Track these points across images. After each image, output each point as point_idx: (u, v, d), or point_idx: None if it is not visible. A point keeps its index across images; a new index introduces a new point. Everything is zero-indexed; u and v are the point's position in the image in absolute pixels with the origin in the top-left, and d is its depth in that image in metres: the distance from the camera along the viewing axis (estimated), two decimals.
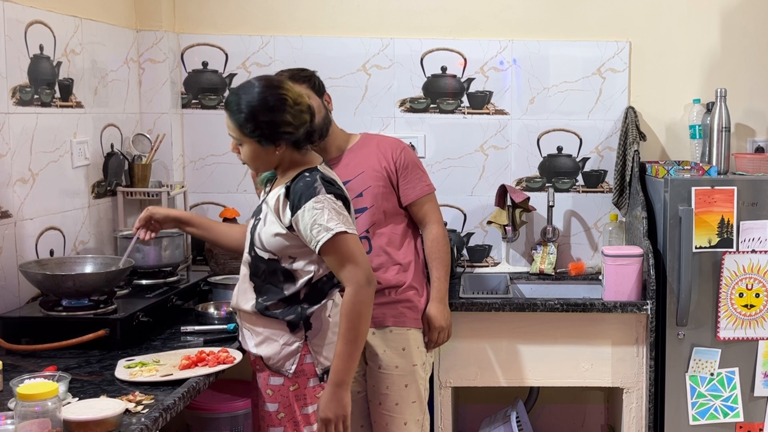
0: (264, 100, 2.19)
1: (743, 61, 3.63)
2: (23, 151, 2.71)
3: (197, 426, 3.13)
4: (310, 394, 2.29)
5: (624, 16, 3.64)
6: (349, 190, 2.57)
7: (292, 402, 2.29)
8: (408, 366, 2.79)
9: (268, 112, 2.18)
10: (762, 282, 3.12)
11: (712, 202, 3.10)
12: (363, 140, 2.88)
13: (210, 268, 3.42)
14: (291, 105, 2.21)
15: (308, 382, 2.29)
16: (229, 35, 3.63)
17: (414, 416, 2.81)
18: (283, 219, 2.24)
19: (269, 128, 2.19)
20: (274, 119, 2.19)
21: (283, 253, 2.26)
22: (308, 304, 2.27)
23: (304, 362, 2.27)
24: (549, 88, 3.65)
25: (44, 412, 1.68)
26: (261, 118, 2.18)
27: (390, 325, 2.77)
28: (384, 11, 3.65)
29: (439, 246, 2.85)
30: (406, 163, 2.83)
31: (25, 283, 2.64)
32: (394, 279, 2.78)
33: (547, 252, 3.63)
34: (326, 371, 2.28)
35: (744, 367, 3.15)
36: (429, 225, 2.86)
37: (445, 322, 2.85)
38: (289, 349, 2.27)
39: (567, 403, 3.77)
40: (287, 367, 2.28)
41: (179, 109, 3.64)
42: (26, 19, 2.72)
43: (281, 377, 2.29)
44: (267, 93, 2.20)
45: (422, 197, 2.84)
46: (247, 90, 2.22)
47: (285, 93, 2.22)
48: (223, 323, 2.68)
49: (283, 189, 2.26)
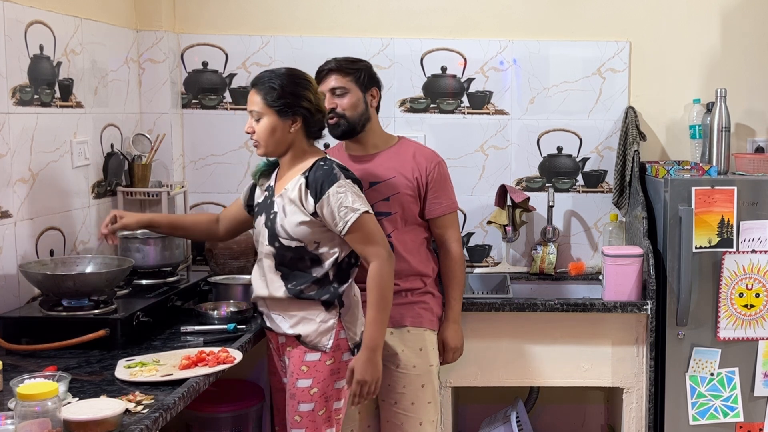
0: (292, 75, 2.45)
1: (743, 61, 3.63)
2: (23, 151, 2.71)
3: (197, 426, 3.12)
4: (344, 367, 2.47)
5: (624, 16, 3.64)
6: (376, 192, 2.75)
7: (327, 376, 2.46)
8: (425, 366, 2.80)
9: (293, 84, 2.43)
10: (762, 282, 3.12)
11: (712, 202, 3.10)
12: (400, 145, 2.88)
13: (210, 268, 3.42)
14: (314, 88, 2.49)
15: (342, 356, 2.47)
16: (229, 35, 3.63)
17: (429, 417, 2.82)
18: (307, 207, 2.42)
19: (293, 98, 2.41)
20: (298, 92, 2.43)
21: (308, 239, 2.44)
22: (338, 283, 2.47)
23: (339, 337, 2.47)
24: (549, 88, 3.65)
25: (44, 412, 1.68)
26: (287, 88, 2.41)
27: (408, 325, 2.79)
28: (384, 11, 3.65)
29: (457, 266, 2.87)
30: (438, 178, 2.83)
31: (25, 283, 2.64)
32: (411, 284, 2.80)
33: (547, 252, 3.63)
34: (357, 345, 2.49)
35: (744, 367, 3.15)
36: (448, 243, 2.87)
37: (459, 343, 2.90)
38: (325, 326, 2.45)
39: (567, 403, 3.77)
40: (324, 342, 2.45)
41: (179, 109, 3.64)
42: (26, 19, 2.72)
43: (318, 353, 2.46)
44: (295, 72, 2.48)
45: (446, 215, 2.85)
46: (277, 69, 2.50)
47: (308, 78, 2.50)
48: (223, 323, 2.68)
49: (302, 179, 2.42)
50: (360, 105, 2.75)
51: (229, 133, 3.65)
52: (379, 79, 2.87)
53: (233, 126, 3.65)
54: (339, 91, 2.74)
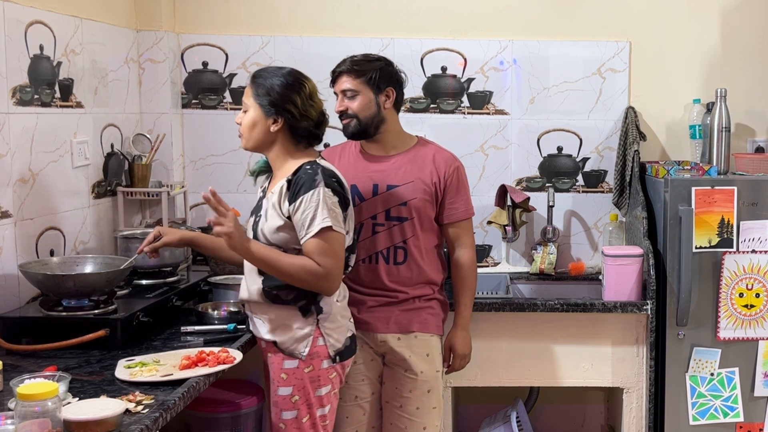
0: (285, 76, 2.42)
1: (743, 61, 3.63)
2: (23, 151, 2.71)
3: (197, 426, 3.12)
4: (324, 375, 2.42)
5: (624, 16, 3.64)
6: (393, 197, 2.72)
7: (307, 384, 2.41)
8: (432, 372, 2.79)
9: (283, 86, 2.40)
10: (762, 282, 3.12)
11: (712, 202, 3.10)
12: (419, 146, 2.82)
13: (210, 268, 3.42)
14: (305, 94, 2.42)
15: (322, 363, 2.41)
16: (229, 35, 3.64)
17: (433, 422, 2.81)
18: (283, 210, 2.37)
19: (278, 98, 2.38)
20: (285, 93, 2.39)
21: (287, 246, 2.38)
22: None
23: (317, 345, 2.41)
24: (549, 88, 3.65)
25: (44, 412, 1.68)
26: (276, 87, 2.39)
27: (415, 331, 2.76)
28: (384, 11, 3.65)
29: (470, 272, 2.84)
30: (456, 183, 2.80)
31: (25, 283, 2.64)
32: (420, 291, 2.78)
33: (547, 252, 3.63)
34: (338, 353, 2.44)
35: (744, 367, 3.15)
36: (462, 248, 2.83)
37: (468, 350, 2.88)
38: (301, 332, 2.40)
39: (567, 403, 3.77)
40: (300, 349, 2.40)
41: (179, 109, 3.64)
42: (26, 19, 2.72)
43: (296, 360, 2.41)
44: (291, 74, 2.44)
45: (462, 221, 2.83)
46: (280, 68, 2.47)
47: (305, 82, 2.44)
48: (223, 323, 2.68)
49: (284, 182, 2.38)
50: (371, 107, 2.70)
51: (229, 133, 3.65)
52: (397, 78, 2.77)
53: (233, 126, 3.58)
54: (349, 93, 2.70)
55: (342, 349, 2.46)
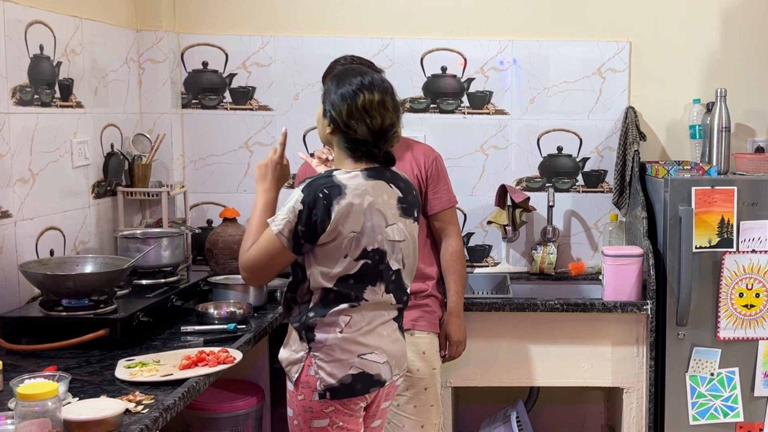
0: (345, 82, 2.21)
1: (743, 61, 3.63)
2: (23, 151, 2.71)
3: (197, 426, 3.12)
4: (317, 408, 2.16)
5: (624, 16, 3.64)
6: None
7: (302, 413, 2.19)
8: (428, 369, 2.79)
9: (334, 92, 2.21)
10: (762, 282, 3.12)
11: (712, 202, 3.10)
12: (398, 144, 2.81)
13: (210, 268, 3.42)
14: (357, 104, 2.17)
15: (313, 395, 2.15)
16: (229, 35, 3.63)
17: (432, 420, 2.81)
18: None
19: (329, 100, 2.22)
20: (334, 100, 2.20)
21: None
22: (314, 312, 2.16)
23: (308, 374, 2.16)
24: (549, 88, 3.65)
25: (44, 412, 1.68)
26: (330, 91, 2.23)
27: (411, 329, 2.76)
28: (384, 11, 3.65)
29: (458, 260, 2.86)
30: (437, 173, 2.83)
31: (25, 283, 2.64)
32: (415, 287, 2.75)
33: (547, 252, 3.63)
34: (329, 389, 2.14)
35: (744, 367, 3.15)
36: (449, 237, 2.86)
37: (462, 337, 2.88)
38: (295, 356, 2.19)
39: (567, 403, 3.77)
40: (292, 373, 2.20)
41: (179, 109, 3.64)
42: (26, 19, 2.72)
43: (291, 383, 2.22)
44: (357, 82, 2.21)
45: (447, 210, 2.85)
46: (365, 73, 2.25)
47: (361, 92, 2.18)
48: (223, 323, 2.68)
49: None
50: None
51: (229, 133, 3.65)
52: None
53: (233, 126, 3.65)
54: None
55: (335, 386, 2.14)
